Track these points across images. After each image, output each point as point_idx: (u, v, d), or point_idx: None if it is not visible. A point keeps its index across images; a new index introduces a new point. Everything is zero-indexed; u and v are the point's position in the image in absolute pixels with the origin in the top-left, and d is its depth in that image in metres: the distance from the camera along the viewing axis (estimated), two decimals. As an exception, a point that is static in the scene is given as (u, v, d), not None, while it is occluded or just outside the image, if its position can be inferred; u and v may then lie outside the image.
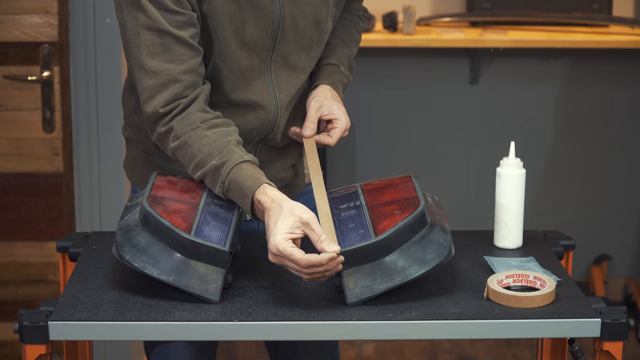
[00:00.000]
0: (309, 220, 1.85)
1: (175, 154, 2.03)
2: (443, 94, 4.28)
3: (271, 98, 2.14)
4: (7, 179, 3.25)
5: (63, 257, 2.16)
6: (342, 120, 2.17)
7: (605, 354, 1.84)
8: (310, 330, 1.82)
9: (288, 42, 2.12)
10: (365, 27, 2.36)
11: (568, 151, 4.34)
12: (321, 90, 2.20)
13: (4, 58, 3.18)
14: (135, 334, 1.83)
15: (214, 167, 1.97)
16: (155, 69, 1.99)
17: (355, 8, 2.36)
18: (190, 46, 2.01)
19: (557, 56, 4.22)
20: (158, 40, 1.98)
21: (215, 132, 2.00)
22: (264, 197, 1.92)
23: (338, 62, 2.26)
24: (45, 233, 3.29)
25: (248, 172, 1.96)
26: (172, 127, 2.01)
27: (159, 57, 1.99)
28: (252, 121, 2.14)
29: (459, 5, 4.21)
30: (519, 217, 2.13)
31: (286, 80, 2.15)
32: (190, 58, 2.01)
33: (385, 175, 2.27)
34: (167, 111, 2.01)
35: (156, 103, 2.00)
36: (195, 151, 1.99)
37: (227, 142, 1.99)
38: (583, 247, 4.29)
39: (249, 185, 1.94)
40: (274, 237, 1.85)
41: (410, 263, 1.87)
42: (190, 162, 2.01)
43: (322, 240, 1.84)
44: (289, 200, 1.91)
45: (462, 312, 1.84)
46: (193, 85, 2.02)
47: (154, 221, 1.90)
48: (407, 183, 2.04)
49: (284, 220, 1.86)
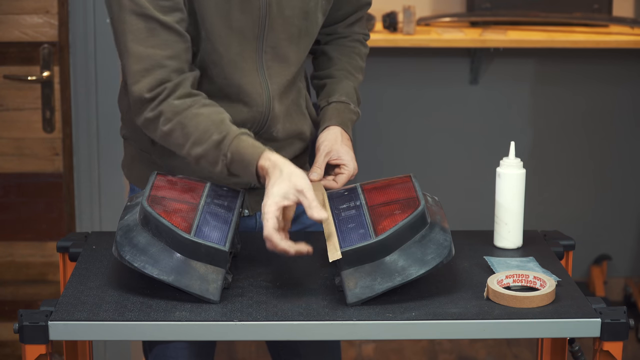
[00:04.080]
0: (303, 188, 1.92)
1: (168, 137, 2.05)
2: (443, 94, 4.28)
3: (263, 90, 2.15)
4: (7, 179, 3.25)
5: (63, 257, 2.16)
6: (350, 167, 2.18)
7: (605, 354, 1.84)
8: (310, 330, 1.82)
9: (277, 32, 2.13)
10: (368, 52, 2.37)
11: (568, 151, 4.34)
12: (332, 133, 2.21)
13: (4, 58, 3.18)
14: (135, 334, 1.83)
15: (215, 142, 2.00)
16: (140, 54, 2.01)
17: (354, 33, 2.35)
18: (176, 31, 2.02)
19: (557, 56, 4.22)
20: (143, 25, 2.00)
21: (208, 109, 2.04)
22: (267, 162, 1.97)
23: (348, 98, 2.26)
24: (45, 233, 3.29)
25: (248, 142, 2.00)
26: (162, 112, 2.03)
27: (144, 42, 2.01)
28: (245, 113, 2.15)
29: (459, 5, 4.21)
30: (519, 217, 2.13)
31: (277, 72, 2.16)
32: (176, 43, 2.03)
33: (385, 175, 2.27)
34: (152, 96, 2.02)
35: (141, 88, 2.02)
36: (192, 130, 2.01)
37: (222, 119, 2.03)
38: (583, 247, 4.29)
39: (251, 153, 1.99)
40: (266, 198, 1.92)
41: (410, 263, 1.87)
42: (186, 141, 2.03)
43: (312, 207, 1.91)
44: (290, 165, 1.96)
45: (462, 312, 1.84)
46: (178, 71, 2.04)
47: (154, 221, 1.90)
48: (407, 183, 2.04)
49: (279, 185, 1.93)
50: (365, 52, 2.37)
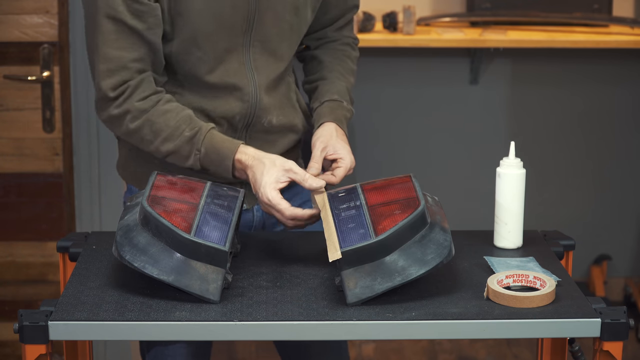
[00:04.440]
0: (291, 166, 2.06)
1: (134, 134, 2.13)
2: (443, 94, 4.28)
3: (249, 81, 2.19)
4: (7, 179, 3.25)
5: (63, 257, 2.16)
6: (347, 160, 2.20)
7: (605, 354, 1.84)
8: (310, 330, 1.82)
9: (267, 27, 2.17)
10: (358, 55, 2.39)
11: (568, 151, 4.34)
12: (327, 129, 2.23)
13: (4, 58, 3.18)
14: (135, 334, 1.83)
15: (187, 138, 2.10)
16: (107, 55, 2.09)
17: (344, 37, 2.38)
18: (144, 38, 2.09)
19: (557, 56, 4.22)
20: (112, 28, 2.08)
21: (173, 105, 2.13)
22: (244, 156, 2.08)
23: (340, 97, 2.29)
24: (45, 233, 3.29)
25: (220, 136, 2.12)
26: (128, 110, 2.11)
27: (112, 44, 2.09)
28: (232, 103, 2.19)
29: (459, 5, 4.21)
30: (519, 217, 2.13)
31: (265, 65, 2.20)
32: (142, 47, 2.10)
33: (385, 175, 2.27)
34: (116, 95, 2.11)
35: (105, 87, 2.10)
36: (162, 126, 2.11)
37: (189, 114, 2.13)
38: (583, 247, 4.28)
39: (227, 147, 2.10)
40: (263, 188, 2.04)
41: (410, 263, 1.87)
42: (155, 138, 2.12)
43: (306, 179, 2.05)
44: (268, 154, 2.09)
45: (462, 312, 1.84)
46: (141, 72, 2.12)
47: (154, 221, 1.90)
48: (407, 183, 2.04)
49: (269, 172, 2.04)
50: (356, 56, 2.40)
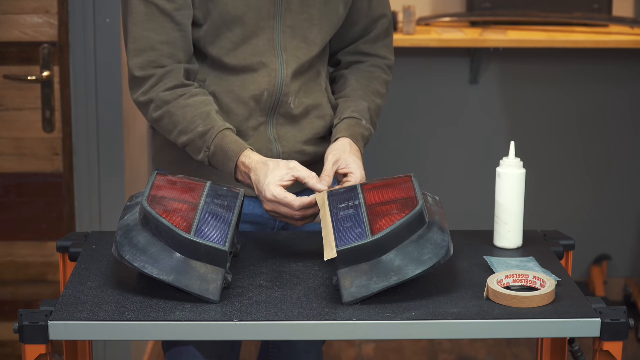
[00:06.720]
0: (295, 166, 2.10)
1: (157, 122, 2.20)
2: (443, 94, 4.28)
3: (277, 59, 2.23)
4: (7, 179, 3.25)
5: (63, 257, 2.16)
6: (357, 175, 2.19)
7: (605, 354, 1.84)
8: (310, 330, 1.82)
9: (295, 13, 2.22)
10: (389, 80, 2.39)
11: (568, 151, 4.34)
12: (341, 143, 2.24)
13: (4, 58, 3.18)
14: (135, 334, 1.83)
15: (199, 133, 2.15)
16: (136, 35, 2.17)
17: (377, 56, 2.38)
18: (173, 20, 2.16)
19: (557, 56, 4.22)
20: (143, 9, 2.16)
21: (196, 100, 2.17)
22: (248, 160, 2.12)
23: (360, 116, 2.29)
24: (45, 233, 3.29)
25: (232, 138, 2.16)
26: (153, 99, 2.18)
27: (141, 25, 2.17)
28: (259, 80, 2.23)
29: (459, 5, 4.21)
30: (519, 217, 2.13)
31: (295, 47, 2.24)
32: (171, 31, 2.17)
33: (385, 175, 2.27)
34: (143, 76, 2.18)
35: (133, 65, 2.18)
36: (179, 119, 2.17)
37: (209, 111, 2.17)
38: (583, 247, 4.29)
39: (234, 149, 2.14)
40: (267, 186, 2.06)
41: (407, 263, 1.87)
42: (173, 129, 2.18)
43: (311, 177, 2.09)
44: (273, 159, 2.12)
45: (462, 312, 1.84)
46: (171, 57, 2.18)
47: (154, 221, 1.90)
48: (407, 183, 2.04)
49: (273, 172, 2.08)
50: (385, 79, 2.39)
